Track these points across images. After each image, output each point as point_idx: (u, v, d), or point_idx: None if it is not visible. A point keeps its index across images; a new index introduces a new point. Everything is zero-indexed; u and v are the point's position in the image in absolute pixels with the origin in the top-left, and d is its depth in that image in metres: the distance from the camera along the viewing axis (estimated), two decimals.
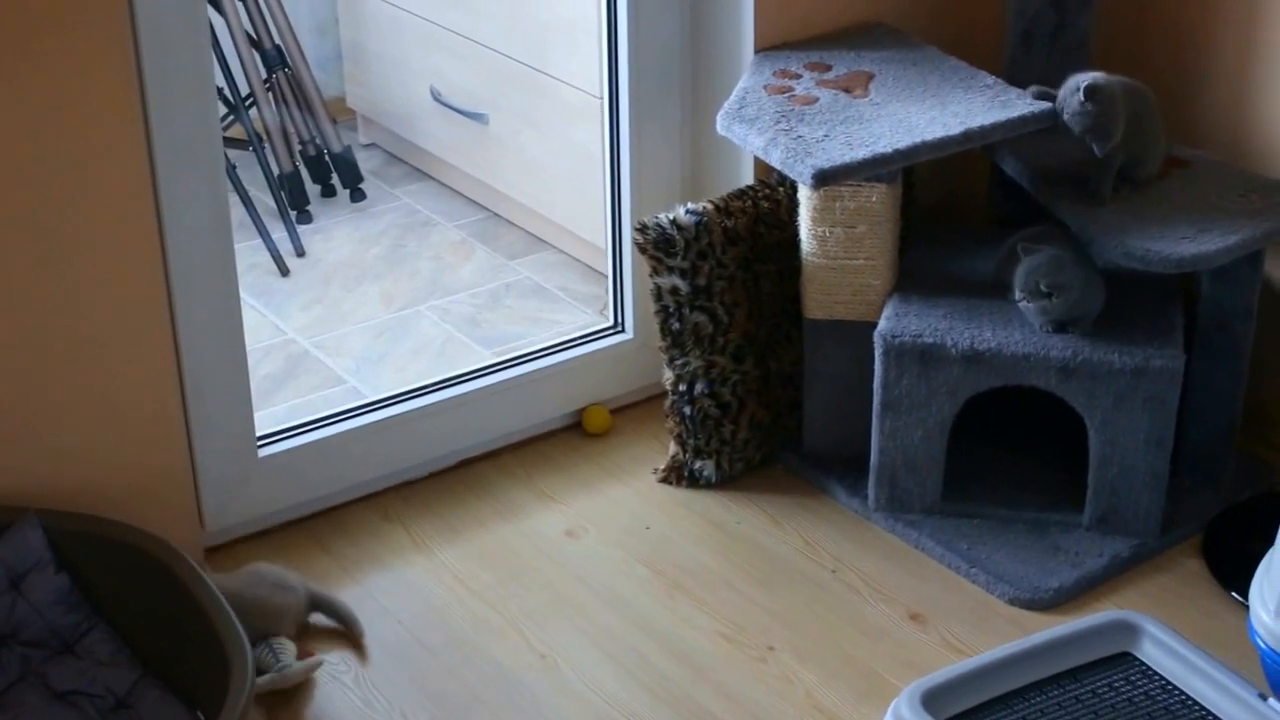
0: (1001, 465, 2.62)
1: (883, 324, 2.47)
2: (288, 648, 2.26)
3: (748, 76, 2.60)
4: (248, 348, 2.45)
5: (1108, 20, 2.76)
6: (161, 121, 2.23)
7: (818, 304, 2.54)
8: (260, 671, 2.19)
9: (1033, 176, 2.55)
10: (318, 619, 2.38)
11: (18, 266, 2.13)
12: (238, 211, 3.34)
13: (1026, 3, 2.62)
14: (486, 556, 2.51)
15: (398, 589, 2.44)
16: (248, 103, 3.56)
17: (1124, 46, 2.82)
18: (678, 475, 2.66)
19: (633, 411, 2.84)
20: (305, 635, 2.34)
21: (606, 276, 2.89)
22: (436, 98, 3.59)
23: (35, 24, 2.03)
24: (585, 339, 2.84)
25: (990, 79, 2.57)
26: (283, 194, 3.54)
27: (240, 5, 3.54)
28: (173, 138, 2.25)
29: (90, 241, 2.17)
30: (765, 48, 2.66)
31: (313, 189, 3.67)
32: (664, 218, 2.52)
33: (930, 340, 2.43)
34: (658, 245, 2.51)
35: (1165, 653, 2.18)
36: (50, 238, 2.14)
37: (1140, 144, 2.48)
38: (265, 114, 3.57)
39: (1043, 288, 2.38)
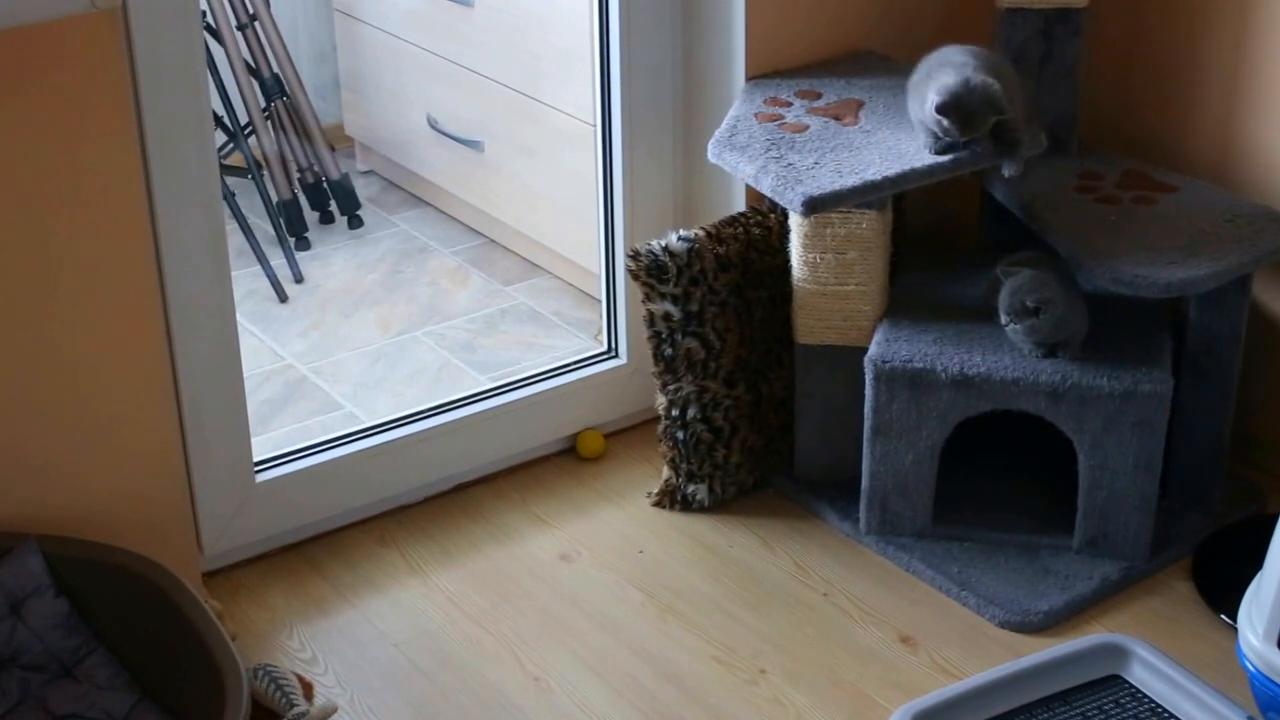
0: (991, 489, 2.63)
1: (873, 349, 2.48)
2: (293, 681, 2.26)
3: (738, 104, 2.62)
4: (246, 373, 2.47)
5: (1096, 48, 2.78)
6: (159, 150, 2.24)
7: (809, 329, 2.56)
8: (257, 702, 2.21)
9: (1022, 203, 2.57)
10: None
11: (16, 295, 2.14)
12: (237, 238, 3.36)
13: (1015, 31, 2.64)
14: (480, 580, 2.52)
15: (392, 612, 2.46)
16: (247, 131, 3.59)
17: (1113, 74, 2.85)
18: (670, 499, 2.68)
19: (626, 436, 2.86)
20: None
21: (600, 302, 2.91)
22: (433, 125, 3.62)
23: (33, 54, 2.05)
24: (579, 364, 2.85)
25: None
26: (281, 221, 3.56)
27: (239, 34, 3.57)
28: (170, 166, 2.26)
29: (88, 269, 2.18)
30: (756, 76, 2.68)
31: (311, 216, 3.70)
32: (656, 244, 2.54)
33: (920, 365, 2.44)
34: (650, 272, 2.53)
35: (1154, 675, 2.20)
36: (48, 266, 2.15)
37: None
38: (264, 142, 3.60)
39: (1029, 304, 2.39)
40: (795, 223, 2.52)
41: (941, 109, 2.36)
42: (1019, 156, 2.46)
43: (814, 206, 2.37)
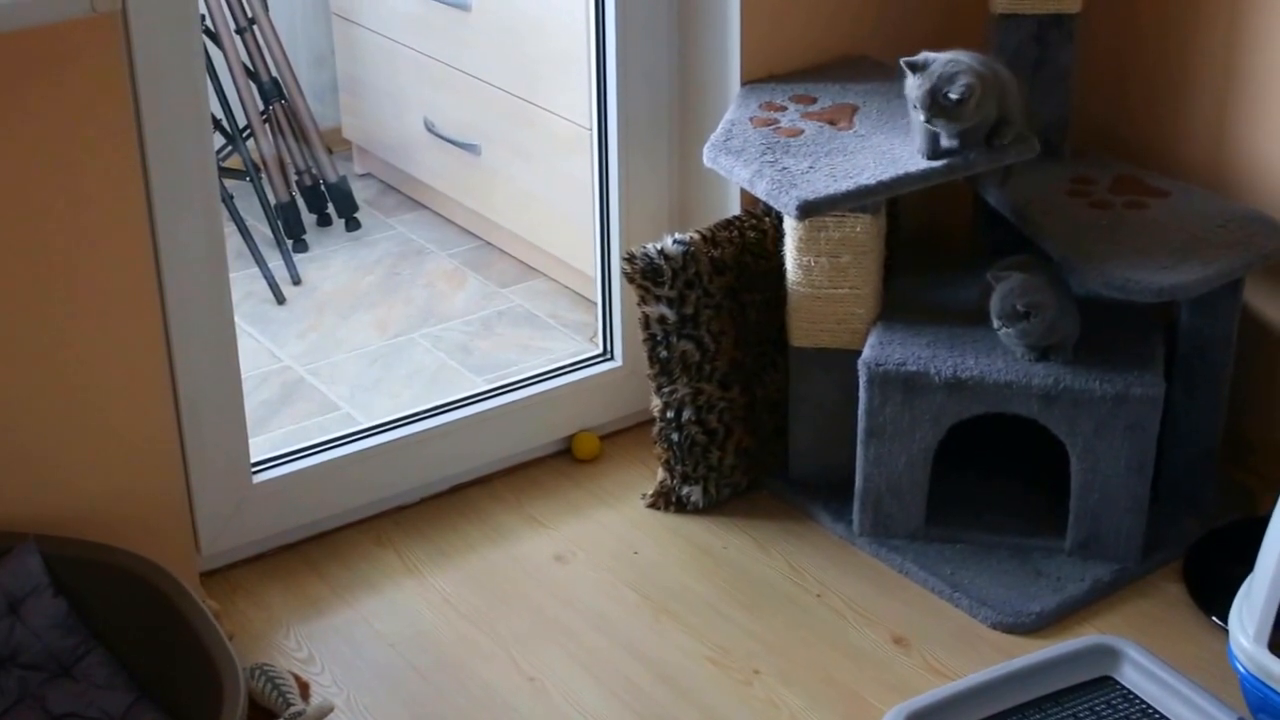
0: (984, 491, 2.64)
1: (867, 352, 2.50)
2: (289, 681, 2.27)
3: (734, 109, 2.63)
4: (244, 375, 2.48)
5: (1089, 53, 2.79)
6: (158, 153, 2.25)
7: (803, 332, 2.58)
8: (254, 701, 2.22)
9: (1015, 207, 2.58)
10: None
11: (15, 296, 2.15)
12: (235, 241, 3.37)
13: (1008, 36, 2.65)
14: (476, 580, 2.53)
15: (389, 612, 2.47)
16: (245, 134, 3.60)
17: (1105, 79, 2.86)
18: (665, 501, 2.69)
19: (621, 438, 2.86)
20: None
21: (596, 304, 2.92)
22: (430, 129, 3.63)
23: (33, 57, 2.06)
24: (575, 366, 2.86)
25: None
26: (279, 223, 3.57)
27: (238, 38, 3.58)
28: (169, 169, 2.27)
29: (87, 271, 2.18)
30: (751, 80, 2.69)
31: (309, 218, 3.71)
32: (652, 248, 2.55)
33: (914, 368, 2.46)
34: (645, 275, 2.55)
35: (1146, 677, 2.21)
36: (47, 266, 2.16)
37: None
38: (262, 145, 3.61)
39: (1019, 308, 2.40)
40: (790, 226, 2.53)
41: (910, 63, 2.38)
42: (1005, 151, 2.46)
43: (808, 210, 2.38)
